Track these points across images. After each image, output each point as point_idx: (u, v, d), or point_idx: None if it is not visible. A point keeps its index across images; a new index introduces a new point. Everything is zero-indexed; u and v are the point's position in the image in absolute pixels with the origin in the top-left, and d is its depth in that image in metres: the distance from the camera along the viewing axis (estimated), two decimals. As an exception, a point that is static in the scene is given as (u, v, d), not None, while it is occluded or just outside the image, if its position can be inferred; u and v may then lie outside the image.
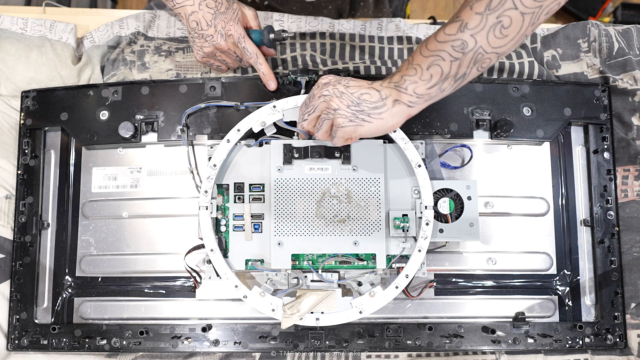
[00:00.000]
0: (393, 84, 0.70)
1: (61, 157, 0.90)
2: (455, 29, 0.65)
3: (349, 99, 0.70)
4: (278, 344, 0.83)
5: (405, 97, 0.69)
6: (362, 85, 0.71)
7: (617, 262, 0.87)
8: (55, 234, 0.88)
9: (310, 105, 0.74)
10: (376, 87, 0.70)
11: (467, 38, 0.65)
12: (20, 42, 0.92)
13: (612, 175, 0.88)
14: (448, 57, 0.66)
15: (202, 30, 0.81)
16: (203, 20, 0.81)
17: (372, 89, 0.70)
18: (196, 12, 0.81)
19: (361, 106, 0.70)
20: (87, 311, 0.87)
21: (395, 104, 0.70)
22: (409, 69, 0.69)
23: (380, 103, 0.70)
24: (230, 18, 0.82)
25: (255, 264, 0.80)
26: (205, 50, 0.84)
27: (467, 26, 0.64)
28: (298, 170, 0.80)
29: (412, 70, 0.68)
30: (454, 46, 0.65)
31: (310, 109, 0.74)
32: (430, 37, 0.68)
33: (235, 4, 0.84)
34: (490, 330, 0.84)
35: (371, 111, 0.70)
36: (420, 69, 0.68)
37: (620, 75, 0.92)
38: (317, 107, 0.73)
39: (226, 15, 0.81)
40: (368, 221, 0.79)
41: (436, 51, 0.66)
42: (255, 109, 0.82)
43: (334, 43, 0.96)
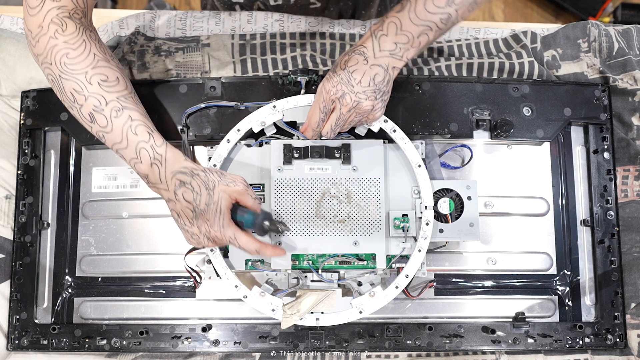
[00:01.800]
0: (388, 53, 0.71)
1: (61, 157, 0.90)
2: (444, 3, 0.69)
3: (371, 91, 0.72)
4: (278, 344, 0.83)
5: (401, 63, 0.73)
6: (365, 70, 0.71)
7: (617, 262, 0.87)
8: (55, 234, 0.88)
9: (342, 120, 0.74)
10: (375, 62, 0.72)
11: (452, 11, 0.70)
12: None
13: (612, 175, 0.88)
14: (435, 28, 0.71)
15: (185, 225, 0.70)
16: (185, 218, 0.69)
17: (375, 66, 0.72)
18: (173, 201, 0.69)
19: (379, 88, 0.73)
20: (87, 311, 0.87)
21: (394, 70, 0.73)
22: (399, 35, 0.71)
23: (387, 77, 0.73)
24: (214, 213, 0.68)
25: (255, 264, 0.80)
26: (199, 239, 0.71)
27: (454, 1, 0.69)
28: (298, 170, 0.80)
29: (403, 37, 0.71)
30: (442, 19, 0.70)
31: (342, 122, 0.75)
32: (419, 6, 0.70)
33: (218, 187, 0.69)
34: (490, 330, 0.84)
35: (386, 86, 0.74)
36: (411, 36, 0.71)
37: (620, 75, 0.92)
38: (349, 120, 0.75)
39: (207, 212, 0.68)
40: (368, 221, 0.79)
41: (426, 21, 0.70)
42: (255, 109, 0.82)
43: (334, 43, 0.96)
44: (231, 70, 0.94)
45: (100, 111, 0.69)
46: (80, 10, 0.72)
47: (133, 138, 0.69)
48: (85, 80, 0.69)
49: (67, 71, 0.68)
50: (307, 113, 0.77)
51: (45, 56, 0.69)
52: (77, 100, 0.69)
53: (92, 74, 0.69)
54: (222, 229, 0.69)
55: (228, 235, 0.70)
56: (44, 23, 0.69)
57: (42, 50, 0.69)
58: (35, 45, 0.70)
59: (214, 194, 0.68)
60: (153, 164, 0.69)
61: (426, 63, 0.94)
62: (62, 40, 0.69)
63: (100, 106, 0.69)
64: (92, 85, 0.69)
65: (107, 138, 0.70)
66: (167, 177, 0.68)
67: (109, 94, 0.69)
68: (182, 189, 0.68)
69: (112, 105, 0.69)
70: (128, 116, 0.69)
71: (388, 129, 0.80)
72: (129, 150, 0.69)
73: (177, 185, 0.68)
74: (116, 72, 0.71)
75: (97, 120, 0.69)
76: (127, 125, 0.69)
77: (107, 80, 0.70)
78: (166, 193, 0.69)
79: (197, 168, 0.70)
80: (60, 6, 0.70)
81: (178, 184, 0.68)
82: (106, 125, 0.69)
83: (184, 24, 0.98)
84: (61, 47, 0.68)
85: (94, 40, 0.71)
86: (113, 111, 0.69)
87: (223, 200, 0.69)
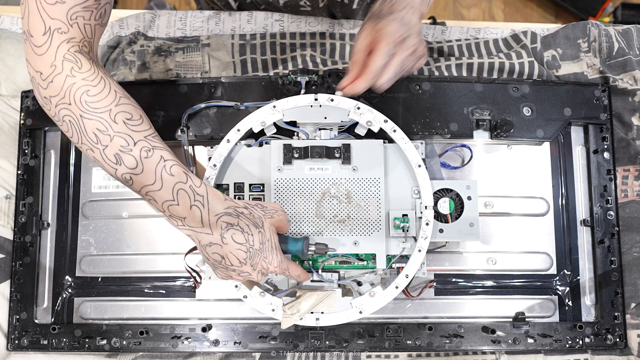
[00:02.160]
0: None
1: (61, 157, 0.90)
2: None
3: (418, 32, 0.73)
4: (278, 344, 0.83)
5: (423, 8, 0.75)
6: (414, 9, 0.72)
7: (617, 262, 0.87)
8: (55, 234, 0.88)
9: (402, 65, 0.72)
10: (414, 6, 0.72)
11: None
12: (20, 42, 0.92)
13: (612, 175, 0.88)
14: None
15: (232, 265, 0.66)
16: (233, 258, 0.65)
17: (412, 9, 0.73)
18: (219, 245, 0.64)
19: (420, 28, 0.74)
20: (87, 311, 0.87)
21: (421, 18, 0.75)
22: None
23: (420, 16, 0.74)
24: (271, 249, 0.66)
25: (255, 264, 0.80)
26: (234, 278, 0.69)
27: None
28: (298, 170, 0.80)
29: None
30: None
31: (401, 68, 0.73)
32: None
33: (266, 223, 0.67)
34: (490, 330, 0.84)
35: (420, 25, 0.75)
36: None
37: (620, 75, 0.92)
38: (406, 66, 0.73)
39: (263, 250, 0.66)
40: (368, 221, 0.79)
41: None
42: (255, 109, 0.82)
43: (334, 43, 0.96)
44: (231, 70, 0.94)
45: (129, 152, 0.63)
46: (88, 42, 0.66)
47: (170, 179, 0.64)
48: (110, 118, 0.63)
49: (90, 110, 0.63)
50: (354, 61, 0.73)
51: (63, 97, 0.63)
52: (100, 141, 0.64)
53: (116, 112, 0.64)
54: (280, 263, 0.68)
55: (283, 268, 0.69)
56: (57, 61, 0.63)
57: (58, 91, 0.63)
58: (47, 86, 0.64)
59: (265, 231, 0.66)
60: (193, 206, 0.64)
61: (426, 63, 0.94)
62: (81, 78, 0.63)
63: (128, 146, 0.63)
64: (118, 124, 0.63)
65: (135, 181, 0.65)
66: (212, 220, 0.64)
67: (136, 133, 0.64)
68: (230, 231, 0.64)
69: (141, 145, 0.64)
70: (160, 156, 0.64)
71: (388, 129, 0.80)
72: (164, 191, 0.64)
73: (223, 228, 0.64)
74: (139, 110, 0.67)
75: (124, 162, 0.64)
76: (160, 166, 0.64)
77: (132, 119, 0.65)
78: (208, 237, 0.65)
79: (239, 206, 0.67)
80: (69, 39, 0.64)
81: (225, 226, 0.64)
82: (136, 167, 0.64)
83: (184, 24, 0.98)
84: (80, 85, 0.63)
85: (110, 77, 0.67)
86: (143, 151, 0.64)
87: (274, 235, 0.67)
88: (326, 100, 0.81)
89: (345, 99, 0.81)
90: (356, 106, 0.80)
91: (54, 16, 0.62)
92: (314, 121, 0.82)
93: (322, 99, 0.81)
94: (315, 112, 0.81)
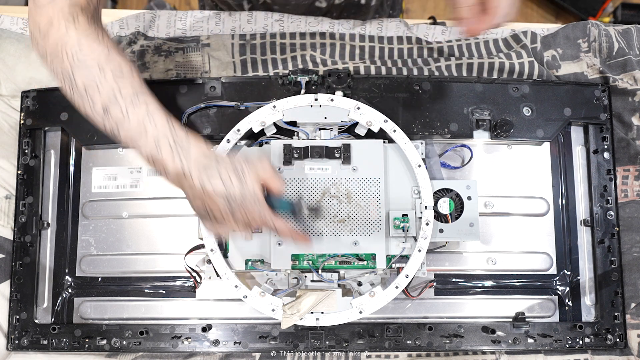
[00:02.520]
0: None
1: (61, 157, 0.90)
2: None
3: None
4: (278, 344, 0.83)
5: None
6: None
7: (617, 262, 0.87)
8: (55, 234, 0.88)
9: None
10: None
11: None
12: (20, 42, 0.92)
13: (612, 175, 0.88)
14: None
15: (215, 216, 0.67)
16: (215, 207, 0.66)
17: None
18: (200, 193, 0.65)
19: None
20: (87, 311, 0.87)
21: None
22: None
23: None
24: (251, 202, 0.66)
25: (255, 264, 0.80)
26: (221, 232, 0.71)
27: None
28: (298, 170, 0.80)
29: None
30: None
31: None
32: None
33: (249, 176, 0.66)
34: (490, 330, 0.84)
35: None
36: None
37: (620, 75, 0.92)
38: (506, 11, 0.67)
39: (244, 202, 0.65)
40: (368, 221, 0.79)
41: None
42: (255, 109, 0.82)
43: (334, 43, 0.96)
44: (231, 70, 0.94)
45: (116, 104, 0.65)
46: (93, 7, 0.69)
47: (152, 130, 0.65)
48: (99, 72, 0.65)
49: (79, 64, 0.65)
50: None
51: (56, 52, 0.65)
52: (89, 94, 0.65)
53: (106, 66, 0.65)
54: (262, 215, 0.67)
55: (267, 219, 0.68)
56: (54, 18, 0.65)
57: (53, 46, 0.65)
58: (42, 41, 0.66)
59: (247, 183, 0.65)
60: (175, 155, 0.65)
61: (426, 63, 0.94)
62: (74, 34, 0.65)
63: (115, 99, 0.65)
64: (107, 78, 0.65)
65: (122, 133, 0.66)
66: (192, 169, 0.64)
67: (124, 87, 0.66)
68: (210, 179, 0.64)
69: (129, 99, 0.65)
70: (145, 109, 0.66)
71: (388, 129, 0.80)
72: (148, 143, 0.65)
73: (203, 176, 0.64)
74: (130, 64, 0.68)
75: (111, 113, 0.65)
76: (145, 118, 0.65)
77: (121, 72, 0.66)
78: (190, 186, 0.65)
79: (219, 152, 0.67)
80: (72, 3, 0.66)
81: (205, 174, 0.64)
82: (122, 119, 0.65)
83: (184, 24, 0.98)
84: (74, 41, 0.65)
85: (106, 35, 0.69)
86: (130, 104, 0.65)
87: (258, 190, 0.66)
88: (326, 100, 0.81)
89: (345, 99, 0.81)
90: (356, 106, 0.80)
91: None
92: (314, 121, 0.82)
93: (322, 99, 0.81)
94: (315, 112, 0.81)
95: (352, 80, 0.87)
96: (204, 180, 0.64)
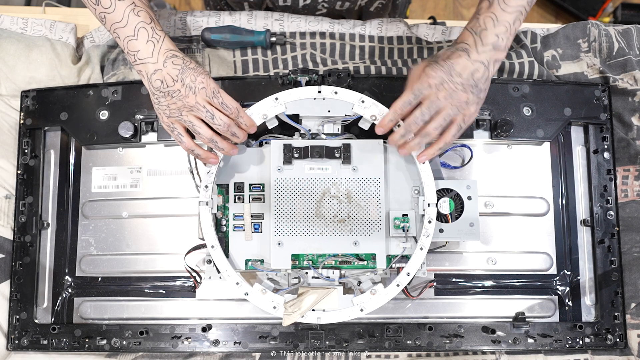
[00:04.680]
0: (491, 46, 0.71)
1: (61, 157, 0.90)
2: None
3: (468, 85, 0.71)
4: (278, 344, 0.83)
5: (502, 55, 0.73)
6: (466, 65, 0.71)
7: (617, 262, 0.87)
8: (55, 234, 0.88)
9: (434, 106, 0.72)
10: (477, 58, 0.71)
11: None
12: (21, 42, 0.92)
13: (612, 175, 0.88)
14: (524, 10, 0.72)
15: (167, 87, 0.72)
16: (168, 77, 0.71)
17: (476, 62, 0.71)
18: (160, 69, 0.71)
19: (477, 84, 0.72)
20: (87, 311, 0.87)
21: (495, 65, 0.73)
22: (497, 26, 0.71)
23: (487, 73, 0.72)
24: (201, 72, 0.72)
25: (255, 264, 0.80)
26: (172, 108, 0.73)
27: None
28: (298, 170, 0.80)
29: (502, 27, 0.71)
30: (529, 2, 0.72)
31: (434, 109, 0.72)
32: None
33: (200, 77, 0.72)
34: (490, 330, 0.84)
35: (484, 84, 0.73)
36: (508, 25, 0.71)
37: (620, 75, 0.92)
38: (443, 111, 0.72)
39: (196, 70, 0.72)
40: (368, 221, 0.79)
41: (517, 6, 0.71)
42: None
43: (334, 43, 0.96)
44: (231, 70, 0.94)
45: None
46: None
47: (134, 19, 0.72)
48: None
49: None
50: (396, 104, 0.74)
51: None
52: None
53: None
54: (208, 80, 0.72)
55: (212, 86, 0.72)
56: None
57: None
58: None
59: (201, 69, 0.73)
60: (149, 41, 0.72)
61: (426, 63, 0.94)
62: None
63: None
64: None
65: (107, 19, 0.72)
66: (161, 52, 0.72)
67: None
68: (172, 58, 0.71)
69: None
70: (132, 1, 0.72)
71: (388, 129, 0.80)
72: (127, 29, 0.72)
73: (168, 56, 0.71)
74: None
75: (101, 2, 0.71)
76: (130, 8, 0.72)
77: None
78: (153, 66, 0.72)
79: (188, 59, 0.73)
80: None
81: (170, 55, 0.72)
82: (109, 7, 0.71)
83: (184, 23, 0.98)
84: None
85: None
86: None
87: (209, 79, 0.73)
88: (330, 93, 0.80)
89: (349, 91, 0.80)
90: (360, 99, 0.80)
91: None
92: (318, 114, 0.81)
93: (325, 91, 0.80)
94: (319, 105, 0.81)
95: (352, 80, 0.87)
96: (167, 57, 0.72)
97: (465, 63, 0.71)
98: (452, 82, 0.71)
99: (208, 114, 0.73)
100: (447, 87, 0.71)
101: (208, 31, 0.93)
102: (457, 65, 0.71)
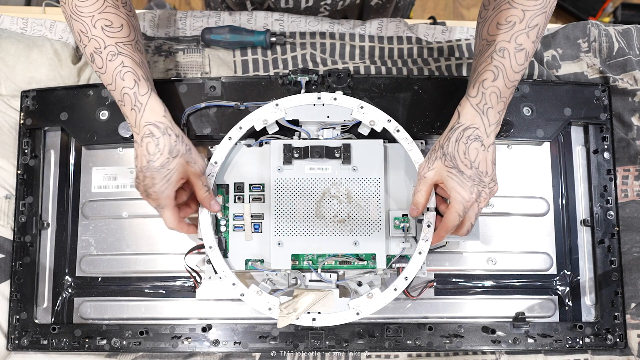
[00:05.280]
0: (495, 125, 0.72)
1: (61, 157, 0.90)
2: (524, 59, 0.71)
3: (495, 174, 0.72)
4: (278, 344, 0.83)
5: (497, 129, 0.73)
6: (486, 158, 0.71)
7: (617, 262, 0.87)
8: (55, 234, 0.88)
9: (479, 214, 0.73)
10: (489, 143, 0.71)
11: (527, 65, 0.72)
12: (20, 42, 0.92)
13: (612, 175, 0.88)
14: (517, 84, 0.73)
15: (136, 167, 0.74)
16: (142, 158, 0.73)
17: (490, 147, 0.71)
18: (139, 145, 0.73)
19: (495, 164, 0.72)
20: (87, 311, 0.87)
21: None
22: (499, 103, 0.71)
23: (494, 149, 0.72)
24: (161, 178, 0.73)
25: (255, 264, 0.80)
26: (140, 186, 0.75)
27: (529, 54, 0.71)
28: (298, 170, 0.80)
29: (502, 104, 0.72)
30: (523, 74, 0.73)
31: (478, 215, 0.74)
32: (508, 70, 0.70)
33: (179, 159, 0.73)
34: (490, 330, 0.84)
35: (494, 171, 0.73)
36: (506, 100, 0.72)
37: (620, 75, 0.92)
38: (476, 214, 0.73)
39: (159, 172, 0.72)
40: (368, 221, 0.79)
41: (514, 82, 0.72)
42: (256, 109, 0.82)
43: (334, 43, 0.96)
44: (231, 70, 0.94)
45: (99, 53, 0.74)
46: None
47: (120, 83, 0.74)
48: (91, 23, 0.73)
49: (76, 13, 0.73)
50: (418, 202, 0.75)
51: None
52: (82, 40, 0.75)
53: (97, 19, 0.73)
54: (160, 194, 0.73)
55: (161, 201, 0.73)
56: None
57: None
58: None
59: (172, 163, 0.73)
60: (132, 109, 0.74)
61: (426, 63, 0.94)
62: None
63: (99, 49, 0.74)
64: (96, 29, 0.73)
65: (101, 78, 0.76)
66: (141, 125, 0.73)
67: (108, 39, 0.74)
68: (148, 139, 0.72)
69: (109, 50, 0.74)
70: (121, 62, 0.73)
71: (391, 129, 0.80)
72: (116, 93, 0.75)
73: (145, 134, 0.73)
74: (122, 19, 0.75)
75: (95, 61, 0.75)
76: (117, 70, 0.73)
77: (110, 26, 0.74)
78: (136, 136, 0.74)
79: (173, 129, 0.74)
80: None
81: (148, 133, 0.73)
82: (101, 67, 0.74)
83: (184, 24, 0.98)
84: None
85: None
86: (109, 55, 0.73)
87: (176, 173, 0.73)
88: (329, 99, 0.81)
89: (348, 97, 0.80)
90: (359, 105, 0.80)
91: None
92: (317, 120, 0.81)
93: (325, 98, 0.81)
94: (318, 110, 0.81)
95: (352, 80, 0.87)
96: (145, 136, 0.73)
97: (485, 156, 0.71)
98: (487, 187, 0.71)
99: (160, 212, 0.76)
100: (485, 196, 0.71)
101: (208, 31, 0.93)
102: (481, 166, 0.70)
